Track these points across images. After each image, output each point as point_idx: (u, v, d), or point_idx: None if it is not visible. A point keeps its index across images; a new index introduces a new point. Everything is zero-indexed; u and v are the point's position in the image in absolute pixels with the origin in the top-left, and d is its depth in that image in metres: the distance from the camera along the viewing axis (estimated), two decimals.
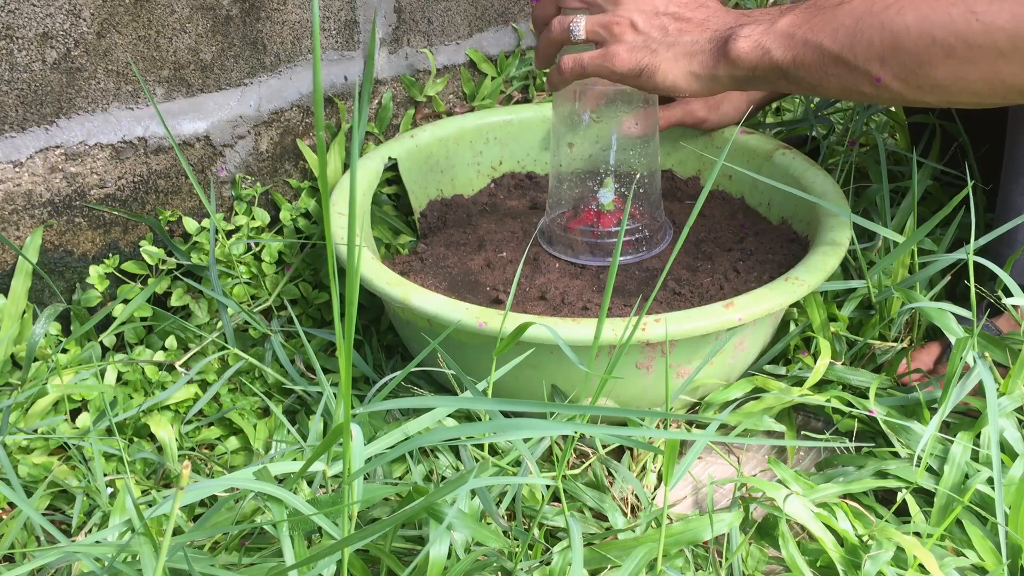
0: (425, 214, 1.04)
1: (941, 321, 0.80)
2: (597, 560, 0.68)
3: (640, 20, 0.78)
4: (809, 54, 0.71)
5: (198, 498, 0.53)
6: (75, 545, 0.59)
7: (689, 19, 0.78)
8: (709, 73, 0.77)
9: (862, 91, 0.71)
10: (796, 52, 0.72)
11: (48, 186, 0.87)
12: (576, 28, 0.81)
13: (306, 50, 0.99)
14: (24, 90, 0.83)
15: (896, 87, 0.69)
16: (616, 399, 0.81)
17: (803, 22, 0.72)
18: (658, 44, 0.77)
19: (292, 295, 0.96)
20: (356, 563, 0.62)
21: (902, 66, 0.67)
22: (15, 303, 0.85)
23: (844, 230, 0.84)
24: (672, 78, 0.77)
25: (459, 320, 0.75)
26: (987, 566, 0.69)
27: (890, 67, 0.68)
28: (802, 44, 0.72)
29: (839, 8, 0.71)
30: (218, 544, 0.73)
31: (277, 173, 1.02)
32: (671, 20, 0.78)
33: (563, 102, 0.92)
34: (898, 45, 0.67)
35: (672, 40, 0.77)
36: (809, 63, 0.72)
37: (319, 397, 0.85)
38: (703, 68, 0.77)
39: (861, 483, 0.73)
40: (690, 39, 0.77)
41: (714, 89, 0.78)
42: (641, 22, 0.78)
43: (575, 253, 0.94)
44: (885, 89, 0.69)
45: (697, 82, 0.77)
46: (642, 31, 0.78)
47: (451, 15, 1.09)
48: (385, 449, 0.58)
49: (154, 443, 0.83)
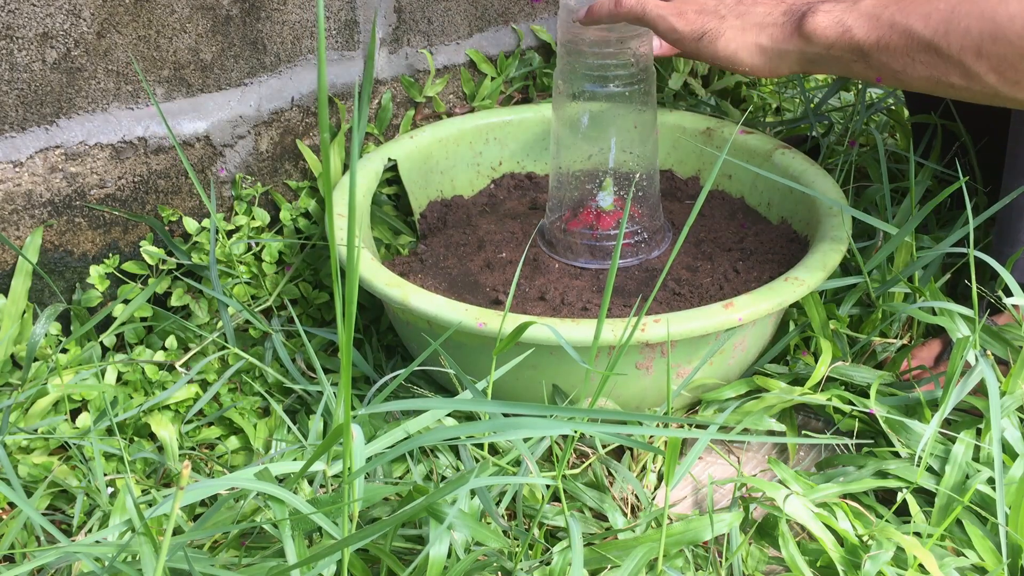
0: (425, 215, 1.04)
1: (943, 319, 0.80)
2: (597, 560, 0.68)
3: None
4: (896, 37, 0.67)
5: (198, 498, 0.53)
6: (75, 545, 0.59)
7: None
8: (778, 47, 0.73)
9: (951, 83, 0.66)
10: (881, 33, 0.68)
11: (48, 186, 0.87)
12: None
13: (306, 50, 0.99)
14: (24, 90, 0.83)
15: (992, 81, 0.65)
16: (616, 399, 0.81)
17: (891, 2, 0.68)
18: (728, 11, 0.74)
19: (292, 295, 0.96)
20: (356, 563, 0.62)
21: (1002, 59, 0.63)
22: (15, 303, 0.85)
23: (844, 229, 0.84)
24: (735, 47, 0.74)
25: (459, 321, 0.75)
26: (987, 566, 0.69)
27: (988, 59, 0.64)
28: (888, 26, 0.68)
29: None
30: (218, 544, 0.73)
31: (277, 173, 1.02)
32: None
33: (563, 103, 0.92)
34: (999, 35, 0.62)
35: (744, 10, 0.74)
36: (895, 47, 0.67)
37: (319, 397, 0.85)
38: (772, 41, 0.73)
39: (861, 483, 0.73)
40: (763, 10, 0.73)
41: (778, 67, 0.73)
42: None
43: (575, 255, 0.94)
44: (978, 82, 0.65)
45: (761, 56, 0.74)
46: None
47: (451, 15, 1.09)
48: (385, 448, 0.58)
49: (154, 443, 0.83)
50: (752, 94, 1.36)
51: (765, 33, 0.73)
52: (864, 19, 0.69)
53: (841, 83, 1.20)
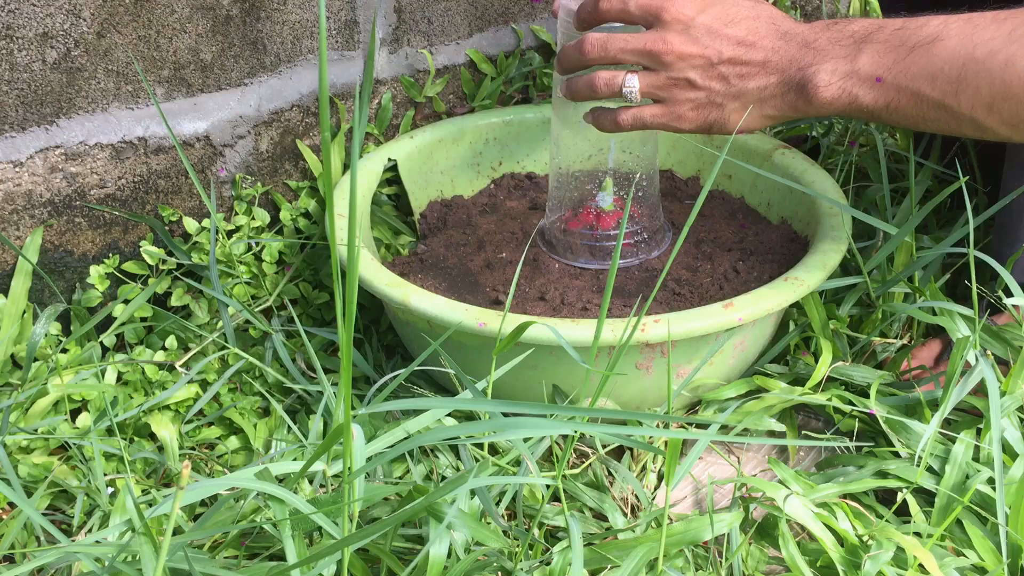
0: (425, 215, 1.04)
1: (943, 319, 0.80)
2: (597, 560, 0.68)
3: (697, 76, 0.73)
4: (905, 100, 0.68)
5: (198, 498, 0.53)
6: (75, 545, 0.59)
7: (748, 62, 0.73)
8: (785, 114, 0.74)
9: (963, 132, 0.68)
10: (890, 99, 0.69)
11: (48, 186, 0.87)
12: (630, 92, 0.76)
13: (306, 50, 0.99)
14: (24, 90, 0.83)
15: (1004, 131, 0.67)
16: (616, 399, 0.81)
17: (892, 63, 0.68)
18: (723, 97, 0.73)
19: (292, 295, 0.96)
20: (356, 563, 0.62)
21: (1013, 114, 0.66)
22: (15, 303, 0.85)
23: (843, 230, 0.84)
24: (744, 125, 0.74)
25: (459, 321, 0.75)
26: (987, 566, 0.69)
27: (999, 114, 0.66)
28: (895, 90, 0.68)
29: (932, 48, 0.67)
30: (218, 544, 0.73)
31: (277, 173, 1.02)
32: (730, 67, 0.73)
33: (563, 103, 0.92)
34: (1009, 95, 0.65)
35: (737, 90, 0.73)
36: (905, 108, 0.69)
37: (319, 397, 0.85)
38: (778, 110, 0.74)
39: (861, 483, 0.73)
40: (756, 85, 0.73)
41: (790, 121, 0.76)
42: (699, 78, 0.73)
43: (575, 255, 0.94)
44: (991, 132, 0.68)
45: (772, 121, 0.75)
46: (702, 87, 0.73)
47: (451, 15, 1.09)
48: (385, 448, 0.58)
49: (154, 443, 0.83)
50: None
51: (768, 105, 0.74)
52: (868, 86, 0.69)
53: None
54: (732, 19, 0.73)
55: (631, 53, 0.75)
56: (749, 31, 0.73)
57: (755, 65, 0.73)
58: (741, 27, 0.73)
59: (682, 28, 0.73)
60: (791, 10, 1.43)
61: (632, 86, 0.76)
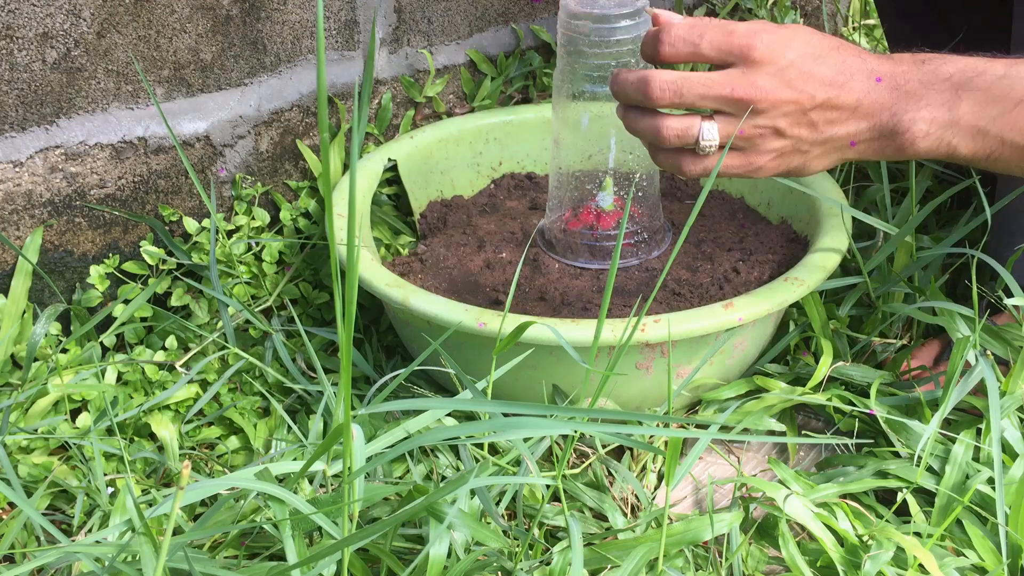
0: (425, 215, 1.04)
1: (943, 319, 0.80)
2: (597, 560, 0.68)
3: (786, 125, 0.66)
4: (1008, 151, 0.65)
5: (199, 498, 0.53)
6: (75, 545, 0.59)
7: (839, 106, 0.65)
8: (868, 158, 0.69)
9: None
10: (991, 149, 0.66)
11: (48, 186, 0.87)
12: (709, 146, 0.66)
13: (306, 50, 0.99)
14: (24, 90, 0.83)
15: None
16: (616, 399, 0.81)
17: (997, 115, 0.64)
18: (810, 144, 0.67)
19: (292, 295, 0.96)
20: (356, 563, 0.62)
21: None
22: (15, 303, 0.85)
23: (843, 230, 0.84)
24: (822, 167, 0.69)
25: (459, 321, 0.75)
26: (987, 566, 0.69)
27: None
28: (999, 142, 0.65)
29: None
30: (218, 544, 0.73)
31: (277, 173, 1.02)
32: (820, 112, 0.65)
33: (563, 103, 0.92)
34: None
35: (825, 137, 0.67)
36: (1007, 158, 0.66)
37: (319, 397, 0.85)
38: (861, 155, 0.68)
39: (861, 483, 0.73)
40: (846, 132, 0.66)
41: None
42: (788, 127, 0.66)
43: (575, 255, 0.94)
44: None
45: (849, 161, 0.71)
46: (790, 136, 0.66)
47: (451, 15, 1.09)
48: (385, 448, 0.58)
49: (154, 443, 0.83)
50: None
51: (853, 151, 0.68)
52: (969, 137, 0.66)
53: None
54: (818, 54, 0.65)
55: (713, 101, 0.65)
56: (838, 69, 0.65)
57: (846, 110, 0.66)
58: (829, 64, 0.65)
59: (775, 70, 0.64)
60: (791, 10, 1.43)
61: (711, 139, 0.66)
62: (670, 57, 0.66)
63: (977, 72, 0.65)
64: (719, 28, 0.65)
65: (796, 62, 0.64)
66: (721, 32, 0.64)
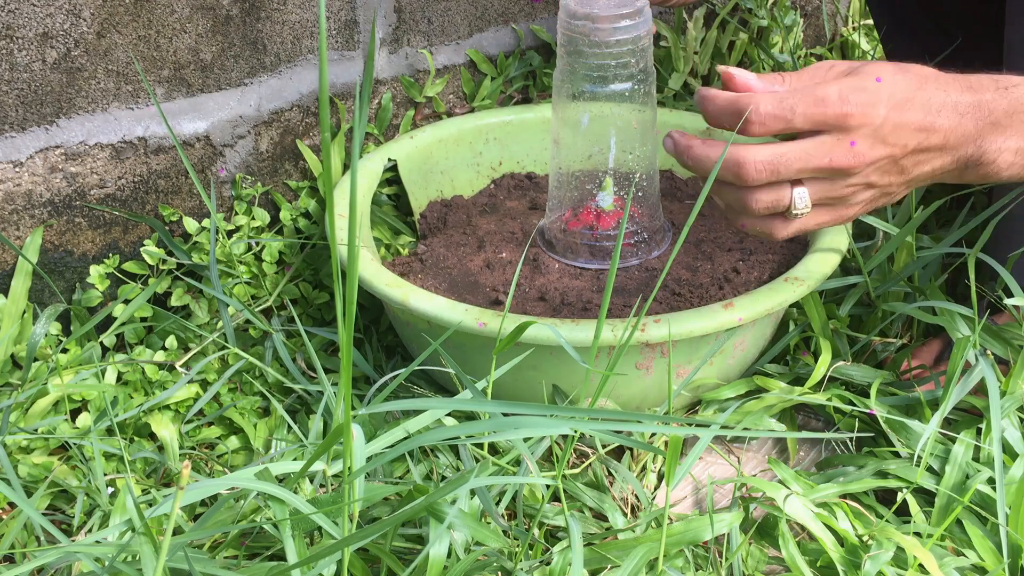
0: (425, 215, 1.04)
1: (943, 319, 0.80)
2: (597, 560, 0.68)
3: (878, 177, 0.64)
4: None
5: (199, 498, 0.53)
6: (75, 545, 0.59)
7: (928, 148, 0.64)
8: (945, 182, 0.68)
9: None
10: None
11: (48, 186, 0.87)
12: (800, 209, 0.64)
13: (306, 50, 0.99)
14: (24, 90, 0.83)
15: None
16: (616, 399, 0.81)
17: None
18: (897, 186, 0.66)
19: (292, 295, 0.96)
20: (356, 563, 0.62)
21: None
22: (15, 303, 0.85)
23: (843, 230, 0.84)
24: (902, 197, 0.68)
25: (459, 321, 0.75)
26: (987, 566, 0.69)
27: None
28: None
29: None
30: (218, 544, 0.73)
31: (277, 173, 1.02)
32: (911, 157, 0.64)
33: (563, 103, 0.92)
34: None
35: (912, 177, 0.65)
36: None
37: (319, 397, 0.85)
38: (939, 181, 0.67)
39: (861, 483, 0.73)
40: (931, 168, 0.65)
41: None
42: (879, 178, 0.64)
43: (575, 255, 0.94)
44: None
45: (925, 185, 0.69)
46: (880, 184, 0.65)
47: (451, 15, 1.09)
48: (385, 448, 0.58)
49: (154, 443, 0.83)
50: None
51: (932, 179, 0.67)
52: None
53: None
54: (907, 99, 0.63)
55: (811, 172, 0.63)
56: (925, 110, 0.63)
57: (934, 150, 0.64)
58: (917, 107, 0.63)
59: (870, 131, 0.62)
60: (791, 10, 1.43)
61: (804, 206, 0.64)
62: (760, 135, 0.63)
63: None
64: (810, 99, 0.62)
65: (889, 116, 0.62)
66: (812, 103, 0.62)
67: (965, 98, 0.64)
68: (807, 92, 0.62)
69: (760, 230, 0.66)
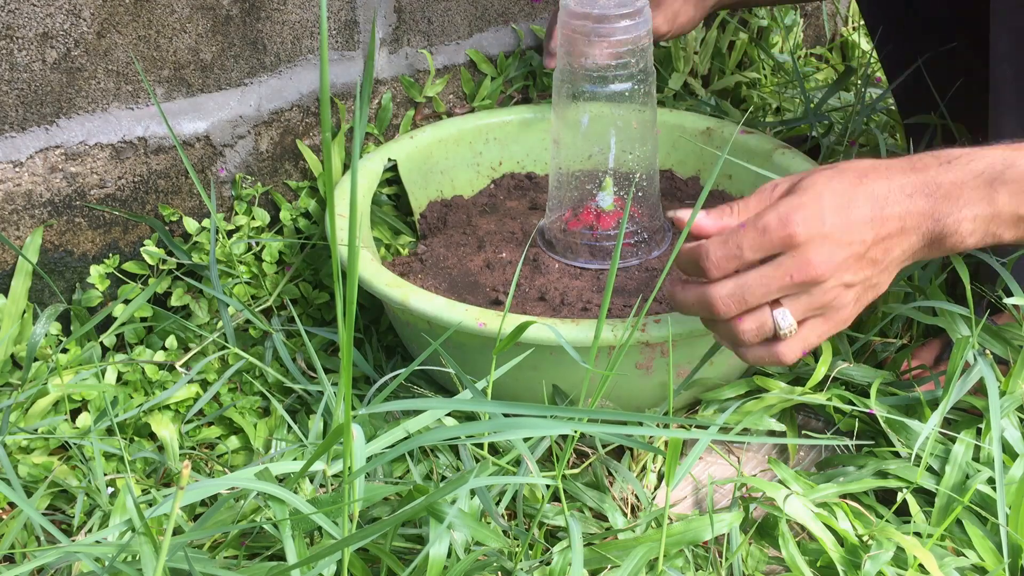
0: (425, 215, 1.04)
1: (943, 319, 0.80)
2: (597, 560, 0.68)
3: (851, 275, 0.66)
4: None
5: (199, 498, 0.53)
6: (75, 545, 0.59)
7: (888, 235, 0.66)
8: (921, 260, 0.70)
9: None
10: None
11: (48, 186, 0.87)
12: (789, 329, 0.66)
13: (306, 50, 0.99)
14: (24, 90, 0.83)
15: None
16: (616, 399, 0.81)
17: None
18: (876, 276, 0.67)
19: (292, 295, 0.96)
20: (356, 563, 0.62)
21: None
22: (15, 303, 0.85)
23: None
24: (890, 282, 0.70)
25: (459, 321, 0.75)
26: (987, 566, 0.69)
27: None
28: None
29: None
30: (218, 544, 0.73)
31: (277, 173, 1.02)
32: (875, 248, 0.66)
33: (563, 103, 0.92)
34: None
35: (886, 264, 0.67)
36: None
37: (319, 397, 0.85)
38: (915, 259, 0.69)
39: (861, 483, 0.73)
40: (900, 251, 0.67)
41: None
42: (853, 276, 0.66)
43: (575, 255, 0.94)
44: None
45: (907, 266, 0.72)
46: (857, 281, 0.66)
47: (451, 15, 1.09)
48: (385, 448, 0.58)
49: (154, 443, 0.83)
50: (752, 94, 1.36)
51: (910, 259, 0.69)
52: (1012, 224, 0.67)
53: (841, 83, 1.20)
54: (849, 199, 0.65)
55: (777, 292, 0.65)
56: (872, 203, 0.65)
57: (895, 235, 0.66)
58: (862, 203, 0.65)
59: (820, 240, 0.64)
60: (791, 10, 1.43)
61: (789, 324, 0.66)
62: (720, 276, 0.66)
63: (1007, 164, 0.66)
64: (753, 233, 0.64)
65: (836, 222, 0.64)
66: (757, 235, 0.64)
67: (909, 179, 0.66)
68: (750, 226, 0.65)
69: (767, 359, 0.68)
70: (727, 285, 0.65)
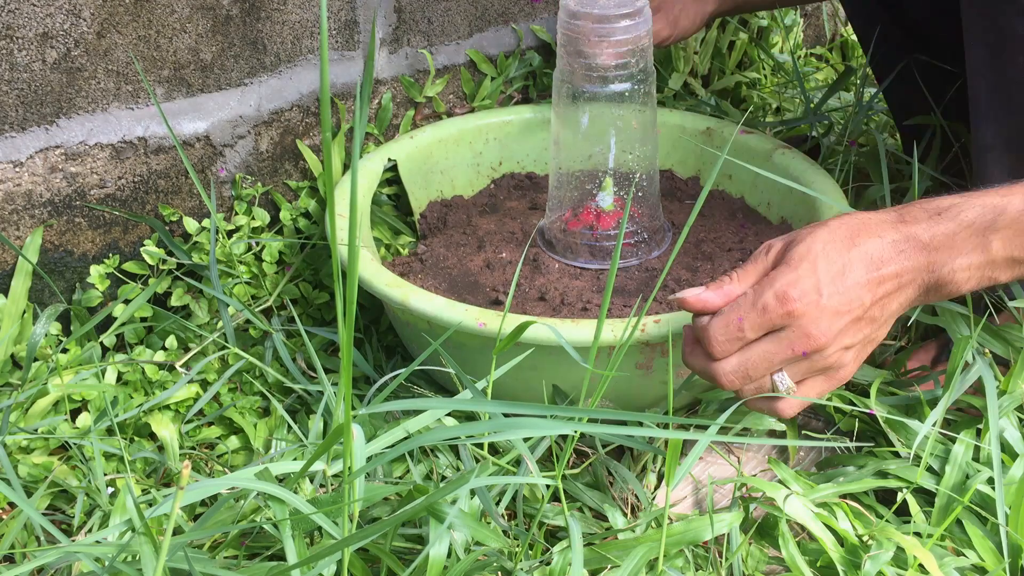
0: (425, 215, 1.04)
1: (943, 319, 0.80)
2: (597, 560, 0.68)
3: (850, 338, 0.66)
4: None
5: (199, 498, 0.53)
6: (75, 545, 0.59)
7: (885, 294, 0.67)
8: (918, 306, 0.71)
9: None
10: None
11: (48, 186, 0.87)
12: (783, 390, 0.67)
13: (306, 50, 0.99)
14: (24, 90, 0.83)
15: None
16: (616, 400, 0.81)
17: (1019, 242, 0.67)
18: (875, 331, 0.68)
19: (292, 295, 0.96)
20: (356, 563, 0.62)
21: None
22: (15, 303, 0.85)
23: None
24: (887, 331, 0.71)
25: (459, 321, 0.75)
26: (987, 566, 0.69)
27: None
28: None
29: None
30: (218, 544, 0.73)
31: (277, 173, 1.02)
32: (874, 308, 0.67)
33: (563, 103, 0.92)
34: None
35: (884, 319, 0.68)
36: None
37: (319, 396, 0.85)
38: (913, 307, 0.70)
39: (861, 483, 0.73)
40: (897, 304, 0.68)
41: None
42: (851, 338, 0.67)
43: (575, 255, 0.94)
44: None
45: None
46: (856, 342, 0.67)
47: (451, 15, 1.09)
48: (385, 448, 0.58)
49: (155, 443, 0.83)
50: (752, 94, 1.36)
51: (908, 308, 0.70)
52: (1007, 268, 0.68)
53: (841, 83, 1.20)
54: (844, 265, 0.66)
55: (780, 364, 0.66)
56: (867, 264, 0.66)
57: (892, 293, 0.67)
58: (857, 266, 0.66)
59: (818, 311, 0.65)
60: (791, 10, 1.43)
61: (787, 386, 0.67)
62: (724, 358, 0.67)
63: (997, 212, 0.67)
64: (753, 314, 0.65)
65: (832, 291, 0.65)
66: (757, 315, 0.65)
67: (901, 234, 0.67)
68: (750, 305, 0.65)
69: (766, 412, 0.70)
70: (731, 362, 0.67)
